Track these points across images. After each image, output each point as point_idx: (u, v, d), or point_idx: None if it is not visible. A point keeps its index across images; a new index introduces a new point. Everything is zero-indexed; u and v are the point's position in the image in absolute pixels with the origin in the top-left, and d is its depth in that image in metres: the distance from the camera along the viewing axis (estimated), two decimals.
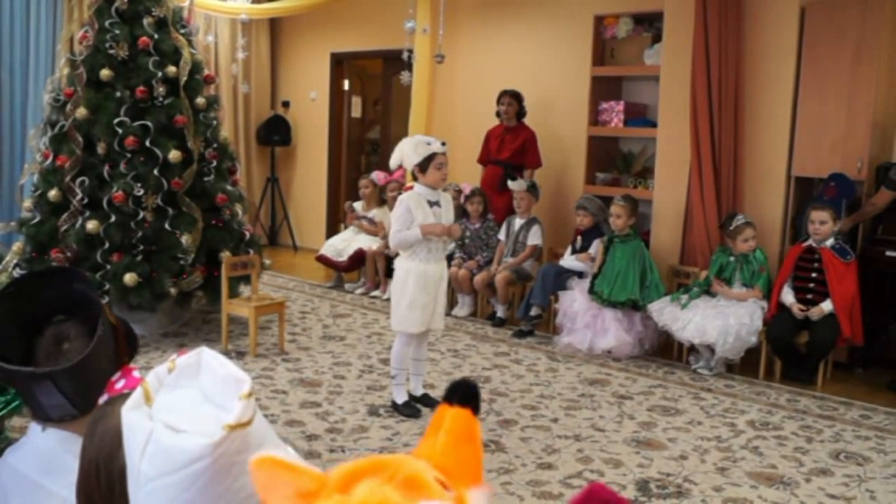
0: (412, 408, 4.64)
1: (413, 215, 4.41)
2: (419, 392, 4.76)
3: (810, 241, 5.37)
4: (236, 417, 1.05)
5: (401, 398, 4.66)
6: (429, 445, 0.97)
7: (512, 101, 7.22)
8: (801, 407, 4.90)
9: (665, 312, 5.58)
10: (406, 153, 4.47)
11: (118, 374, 1.92)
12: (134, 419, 1.10)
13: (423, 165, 4.43)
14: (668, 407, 4.83)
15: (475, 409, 1.00)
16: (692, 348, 5.64)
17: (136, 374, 1.89)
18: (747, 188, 6.01)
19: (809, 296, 5.31)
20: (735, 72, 5.93)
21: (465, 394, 1.00)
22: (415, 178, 4.54)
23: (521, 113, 7.26)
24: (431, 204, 4.48)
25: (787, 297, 5.36)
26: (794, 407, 4.89)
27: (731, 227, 5.58)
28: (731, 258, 5.59)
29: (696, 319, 5.41)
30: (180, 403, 1.12)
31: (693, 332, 5.40)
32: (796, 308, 5.28)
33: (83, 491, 1.49)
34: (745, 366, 5.53)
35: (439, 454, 0.93)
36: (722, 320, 5.30)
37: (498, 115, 7.31)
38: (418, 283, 4.44)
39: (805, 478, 3.86)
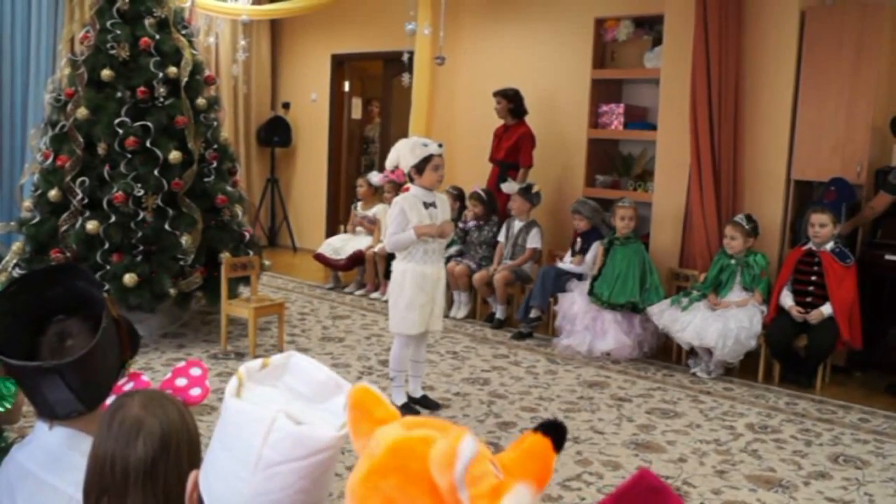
0: (411, 409, 4.64)
1: (408, 217, 4.41)
2: (418, 394, 4.77)
3: (810, 245, 5.37)
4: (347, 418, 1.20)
5: (399, 400, 4.67)
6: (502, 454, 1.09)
7: (501, 99, 7.27)
8: (799, 410, 4.90)
9: (665, 315, 5.59)
10: (403, 155, 4.47)
11: (125, 378, 1.93)
12: (251, 406, 1.19)
13: (420, 167, 4.43)
14: (667, 410, 4.83)
15: (557, 444, 1.09)
16: (691, 351, 5.65)
17: (144, 378, 1.90)
18: (747, 191, 6.01)
19: (809, 299, 5.32)
20: (735, 75, 5.94)
21: (554, 428, 1.11)
22: (411, 180, 4.54)
23: (517, 111, 7.26)
24: (427, 205, 4.48)
25: (787, 300, 5.37)
26: (792, 410, 4.90)
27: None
28: (732, 261, 5.59)
29: (696, 322, 5.41)
30: (269, 398, 1.22)
31: (692, 334, 5.40)
32: (795, 311, 5.28)
33: (95, 482, 1.50)
34: (744, 369, 5.53)
35: (506, 455, 1.06)
36: (721, 323, 5.30)
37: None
38: (416, 284, 4.44)
39: (804, 481, 3.87)
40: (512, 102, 7.23)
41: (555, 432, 1.09)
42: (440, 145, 4.49)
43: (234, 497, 1.17)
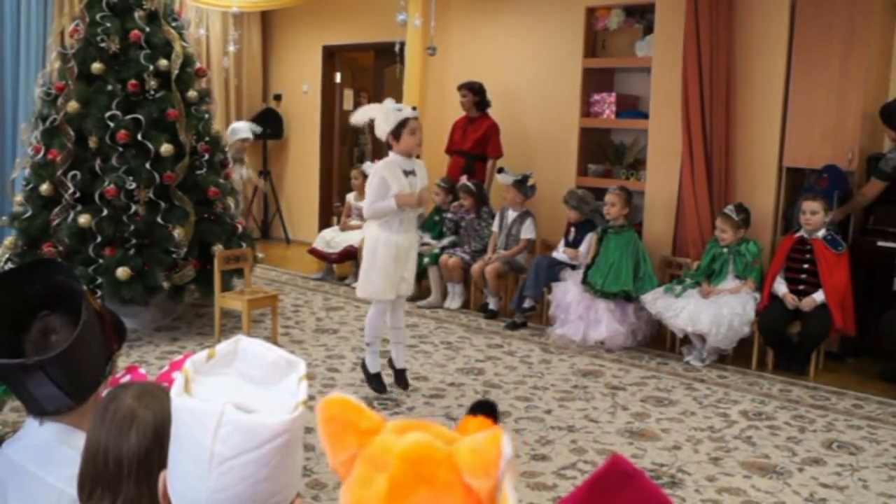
0: (380, 383, 4.68)
1: (388, 185, 4.37)
2: (400, 364, 4.76)
3: (802, 232, 5.39)
4: (305, 395, 1.15)
5: (374, 367, 4.68)
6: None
7: (467, 92, 7.32)
8: (793, 397, 4.92)
9: (658, 302, 5.60)
10: (378, 123, 4.44)
11: (123, 371, 1.92)
12: (196, 402, 1.14)
13: (397, 132, 4.39)
14: (662, 398, 4.85)
15: (495, 421, 1.11)
16: (685, 339, 5.66)
17: (141, 370, 1.90)
18: (739, 179, 6.02)
19: (801, 286, 5.33)
20: (726, 63, 5.94)
21: (487, 409, 1.13)
22: (390, 148, 4.50)
23: (482, 104, 7.30)
24: (407, 173, 4.44)
25: (780, 287, 5.38)
26: (786, 397, 4.92)
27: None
28: (724, 250, 5.61)
29: (690, 308, 5.42)
30: (220, 388, 1.17)
31: (686, 320, 5.41)
32: (789, 298, 5.30)
33: (89, 473, 1.50)
34: (737, 356, 5.55)
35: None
36: (715, 310, 5.32)
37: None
38: (389, 252, 4.44)
39: (798, 467, 3.89)
40: (478, 95, 7.29)
41: (491, 413, 1.12)
42: (415, 108, 4.47)
43: (194, 495, 1.14)
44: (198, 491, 1.13)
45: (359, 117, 4.57)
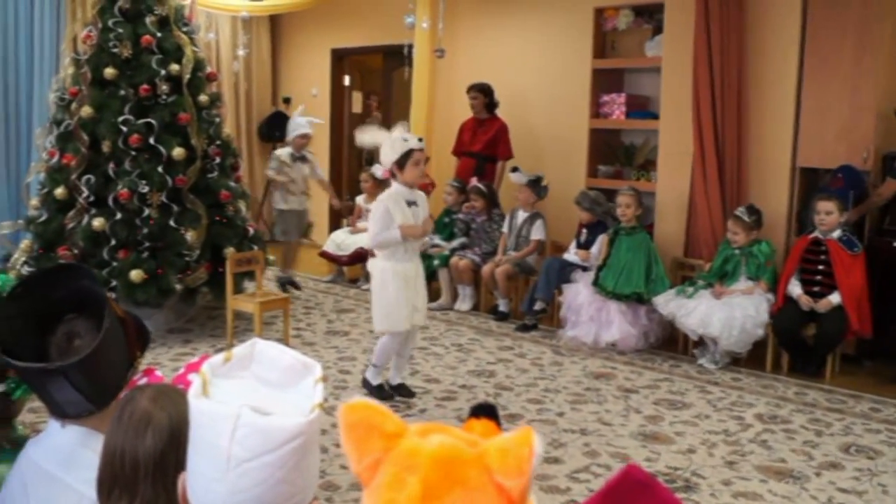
0: (384, 392, 4.69)
1: (392, 216, 4.42)
2: (395, 381, 4.78)
3: (816, 233, 5.35)
4: (321, 398, 1.16)
5: (376, 381, 4.73)
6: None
7: (478, 94, 7.31)
8: (809, 400, 4.89)
9: (670, 304, 5.57)
10: (383, 150, 4.46)
11: (140, 374, 1.93)
12: (213, 405, 1.15)
13: (401, 162, 4.41)
14: (675, 401, 4.83)
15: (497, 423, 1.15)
16: (699, 342, 5.61)
17: (157, 373, 1.90)
18: (752, 179, 5.99)
19: (816, 288, 5.29)
20: (737, 62, 5.92)
21: (488, 412, 1.16)
22: (393, 176, 4.52)
23: (490, 105, 7.31)
24: (409, 204, 4.48)
25: (794, 289, 5.35)
26: (802, 400, 4.89)
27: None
28: (736, 251, 5.58)
29: (702, 308, 5.39)
30: (236, 391, 1.18)
31: (697, 321, 5.37)
32: (804, 300, 5.26)
33: (107, 474, 1.51)
34: (751, 359, 5.51)
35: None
36: (726, 312, 5.28)
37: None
38: (397, 281, 4.47)
39: (815, 472, 3.86)
40: (488, 97, 7.30)
41: (492, 415, 1.15)
42: (420, 139, 4.48)
43: (212, 497, 1.15)
44: (215, 493, 1.14)
45: (366, 139, 4.59)
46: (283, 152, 7.33)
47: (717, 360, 5.47)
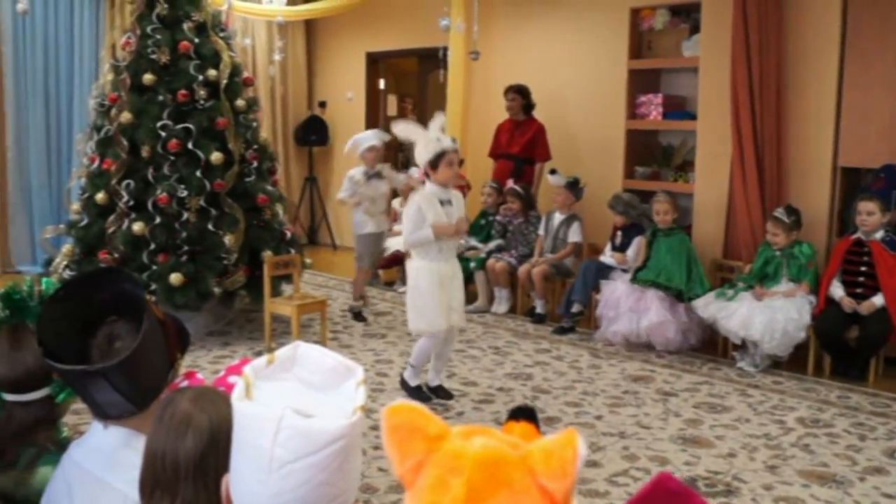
0: (422, 393, 4.70)
1: (424, 215, 4.41)
2: (434, 383, 4.79)
3: (859, 234, 5.27)
4: (362, 400, 1.17)
5: (414, 382, 4.74)
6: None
7: (516, 95, 7.28)
8: (852, 404, 4.81)
9: (710, 307, 5.51)
10: (418, 149, 4.47)
11: (181, 377, 1.95)
12: (256, 407, 1.15)
13: (434, 163, 4.41)
14: (715, 404, 4.77)
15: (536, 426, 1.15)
16: (741, 345, 5.52)
17: (199, 375, 1.92)
18: (792, 180, 5.91)
19: (859, 290, 5.21)
20: (776, 60, 5.84)
21: (527, 414, 1.17)
22: (427, 176, 4.52)
23: (528, 106, 7.28)
24: (443, 203, 4.47)
25: (837, 291, 5.26)
26: (845, 404, 4.80)
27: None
28: (777, 252, 5.50)
29: (742, 311, 5.32)
30: (279, 393, 1.18)
31: (738, 324, 5.30)
32: (846, 302, 5.18)
33: (148, 475, 1.53)
34: (792, 362, 5.42)
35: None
36: (768, 315, 5.21)
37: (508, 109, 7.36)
38: (432, 282, 4.46)
39: (859, 476, 3.79)
40: (525, 98, 7.26)
41: (530, 416, 1.15)
42: (454, 140, 4.48)
43: (255, 499, 1.16)
44: (258, 494, 1.15)
45: (402, 132, 4.60)
46: (357, 171, 6.58)
47: (757, 363, 5.39)
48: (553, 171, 6.88)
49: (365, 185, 6.52)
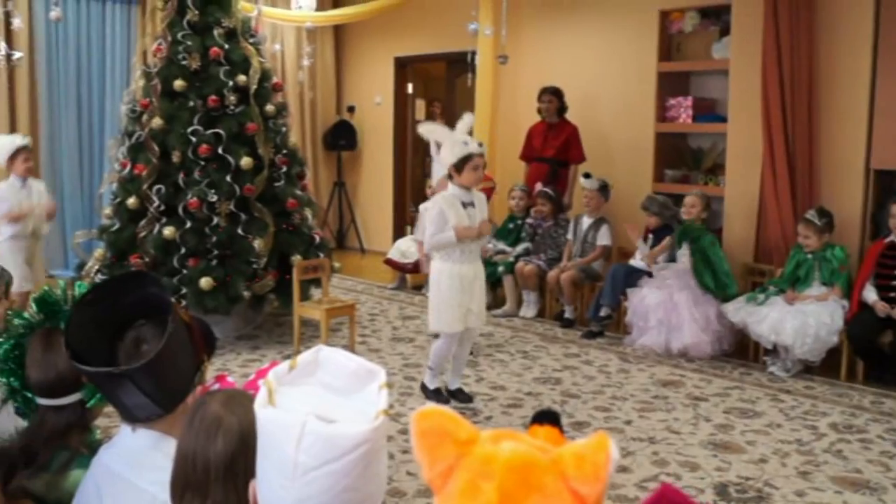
0: (441, 395, 4.70)
1: (447, 217, 4.40)
2: (454, 386, 4.79)
3: (892, 237, 5.19)
4: (385, 404, 1.16)
5: (433, 385, 4.74)
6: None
7: (552, 97, 7.23)
8: (886, 409, 4.73)
9: (741, 312, 5.45)
10: (443, 150, 4.47)
11: (212, 380, 1.96)
12: (279, 414, 1.16)
13: (459, 166, 4.40)
14: (746, 409, 4.73)
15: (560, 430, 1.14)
16: (773, 349, 5.46)
17: (229, 379, 1.93)
18: (824, 183, 5.84)
19: (893, 294, 5.13)
20: (808, 62, 5.77)
21: (551, 418, 1.16)
22: (450, 178, 4.52)
23: (562, 109, 7.24)
24: (465, 205, 4.46)
25: (870, 295, 5.18)
26: (878, 409, 4.73)
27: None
28: (809, 256, 5.44)
29: (774, 315, 5.26)
30: (302, 399, 1.18)
31: (769, 328, 5.25)
32: (880, 306, 5.10)
33: (179, 477, 1.54)
34: (825, 367, 5.35)
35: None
36: (800, 320, 5.15)
37: (540, 111, 7.29)
38: (453, 283, 4.46)
39: (893, 483, 3.74)
40: (561, 100, 7.22)
41: (554, 420, 1.15)
42: (480, 144, 4.47)
43: None
44: (283, 500, 1.15)
45: (428, 133, 4.60)
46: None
47: (788, 368, 5.33)
48: (587, 175, 6.86)
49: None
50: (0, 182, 5.70)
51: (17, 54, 7.67)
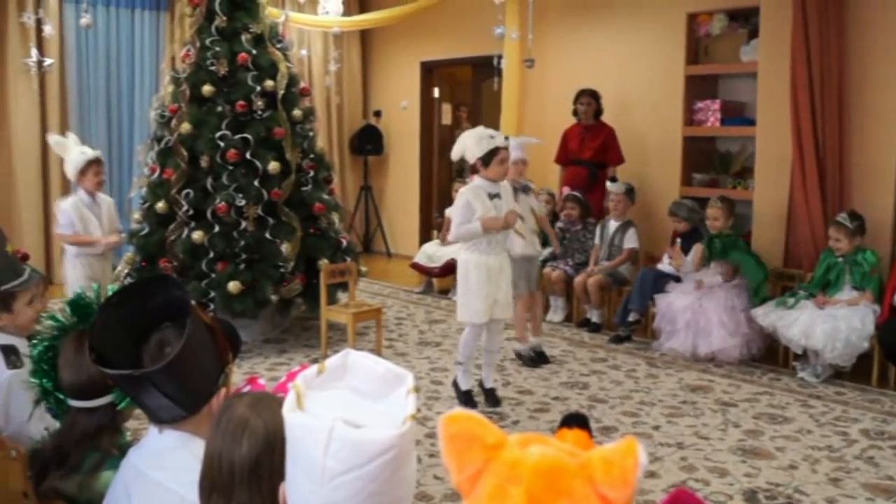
0: (471, 400, 4.72)
1: (473, 208, 4.44)
2: (489, 384, 4.82)
3: None
4: (413, 409, 1.16)
5: (465, 385, 4.77)
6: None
7: (591, 100, 7.19)
8: None
9: (770, 316, 5.40)
10: (468, 146, 4.53)
11: (244, 382, 1.97)
12: (307, 419, 1.16)
13: (486, 159, 4.47)
14: (775, 415, 4.68)
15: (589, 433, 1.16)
16: (803, 354, 5.39)
17: (261, 381, 1.94)
18: (854, 186, 5.77)
19: None
20: (838, 64, 5.71)
21: (580, 422, 1.18)
22: (475, 171, 4.55)
23: (598, 111, 7.20)
24: (492, 196, 4.51)
25: None
26: None
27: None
28: (840, 259, 5.37)
29: (803, 319, 5.20)
30: (330, 403, 1.19)
31: (799, 332, 5.18)
32: None
33: (207, 478, 1.56)
34: (856, 372, 5.29)
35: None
36: (831, 324, 5.08)
37: (576, 114, 7.26)
38: (480, 274, 4.52)
39: None
40: (598, 103, 7.18)
41: (583, 423, 1.17)
42: (507, 138, 4.50)
43: None
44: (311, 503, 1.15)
45: (455, 151, 4.65)
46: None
47: (818, 373, 5.27)
48: (613, 179, 6.83)
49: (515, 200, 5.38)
50: (68, 197, 5.51)
51: (48, 61, 7.80)
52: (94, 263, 5.38)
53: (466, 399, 4.74)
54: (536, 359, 5.63)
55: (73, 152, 5.41)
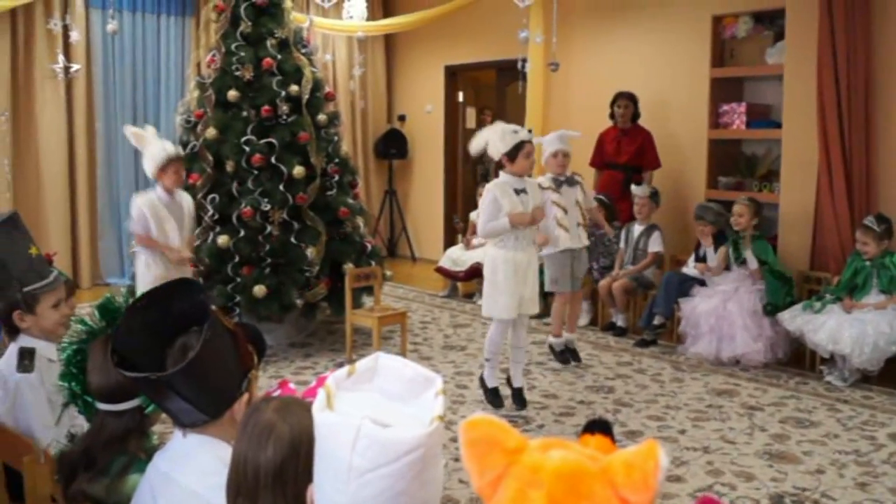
0: (497, 398, 4.72)
1: (500, 204, 4.45)
2: (517, 383, 4.82)
3: None
4: (441, 410, 1.17)
5: (492, 382, 4.77)
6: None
7: (629, 103, 7.11)
8: None
9: (797, 320, 5.35)
10: (492, 141, 4.53)
11: (275, 386, 1.99)
12: (335, 417, 1.18)
13: (512, 154, 4.48)
14: (802, 419, 4.64)
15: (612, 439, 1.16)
16: (829, 358, 5.34)
17: (291, 385, 1.95)
18: (881, 188, 5.72)
19: None
20: (865, 66, 5.66)
21: (603, 427, 1.19)
22: (501, 167, 4.55)
23: (636, 114, 7.15)
24: (518, 192, 4.51)
25: None
26: None
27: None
28: (867, 263, 5.32)
29: (830, 324, 5.15)
30: (359, 403, 1.20)
31: (826, 337, 5.14)
32: None
33: (233, 481, 1.57)
34: (883, 376, 5.22)
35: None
36: (858, 328, 5.03)
37: (612, 117, 7.21)
38: (507, 269, 4.52)
39: None
40: (636, 106, 7.12)
41: (605, 429, 1.17)
42: (530, 131, 4.50)
43: None
44: (338, 503, 1.16)
45: (475, 145, 4.65)
46: (545, 179, 5.50)
47: (846, 378, 5.22)
48: (638, 183, 6.80)
49: (558, 193, 5.52)
50: (146, 193, 5.08)
51: (74, 67, 7.90)
52: (169, 266, 5.01)
53: (493, 396, 4.74)
54: (568, 354, 5.63)
55: (152, 146, 4.99)
